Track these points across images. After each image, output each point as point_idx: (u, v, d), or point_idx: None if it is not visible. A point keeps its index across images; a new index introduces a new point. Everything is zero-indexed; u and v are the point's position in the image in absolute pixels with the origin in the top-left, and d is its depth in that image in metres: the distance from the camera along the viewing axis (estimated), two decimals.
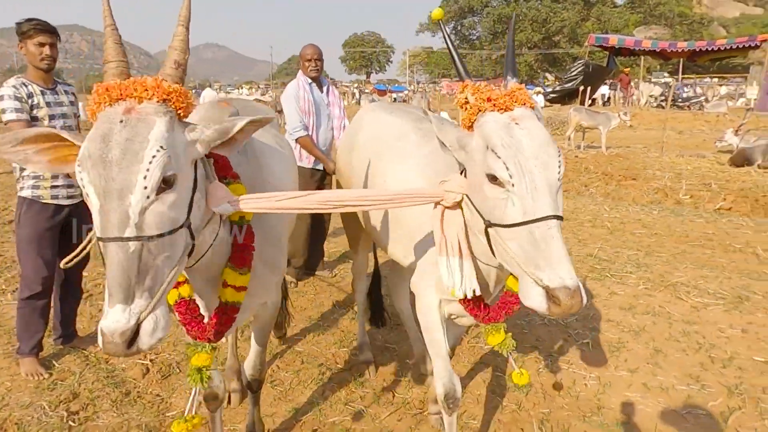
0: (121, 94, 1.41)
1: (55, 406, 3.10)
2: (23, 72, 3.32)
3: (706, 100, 24.89)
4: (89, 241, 1.58)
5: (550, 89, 27.34)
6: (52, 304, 3.51)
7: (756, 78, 28.22)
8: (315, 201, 1.71)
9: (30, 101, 3.14)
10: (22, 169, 3.24)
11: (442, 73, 61.56)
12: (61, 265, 1.58)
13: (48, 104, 3.22)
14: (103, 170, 1.33)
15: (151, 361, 3.60)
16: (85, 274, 4.00)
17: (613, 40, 21.52)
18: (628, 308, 4.44)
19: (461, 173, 1.85)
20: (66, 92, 3.38)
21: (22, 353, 3.41)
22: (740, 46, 19.86)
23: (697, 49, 21.50)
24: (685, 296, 4.68)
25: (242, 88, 50.08)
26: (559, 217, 1.53)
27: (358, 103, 33.56)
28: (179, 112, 1.48)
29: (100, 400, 3.18)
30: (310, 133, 4.62)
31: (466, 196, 1.75)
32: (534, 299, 1.52)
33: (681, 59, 23.19)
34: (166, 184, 1.38)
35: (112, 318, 1.28)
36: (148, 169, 1.34)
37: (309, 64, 4.70)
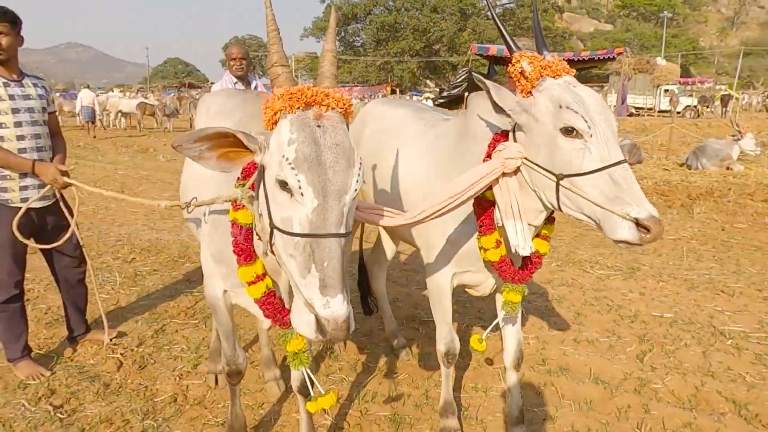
0: (311, 101, 1.52)
1: (35, 402, 3.06)
2: None
3: None
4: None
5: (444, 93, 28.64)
6: (60, 306, 3.51)
7: (614, 86, 31.69)
8: (419, 216, 2.00)
9: None
10: None
11: None
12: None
13: (11, 96, 3.05)
14: (322, 173, 1.44)
15: (121, 354, 3.62)
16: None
17: (493, 50, 23.01)
18: (547, 282, 5.11)
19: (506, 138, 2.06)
20: (35, 85, 3.20)
21: (13, 359, 3.31)
22: (601, 57, 22.16)
23: (566, 59, 23.65)
24: (590, 270, 5.46)
25: (113, 90, 47.11)
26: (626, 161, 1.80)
27: None
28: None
29: (81, 393, 3.18)
30: None
31: (525, 159, 1.97)
32: (626, 232, 1.73)
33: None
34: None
35: (337, 306, 1.42)
36: (358, 173, 1.51)
37: (234, 63, 4.88)
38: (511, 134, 2.07)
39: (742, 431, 2.91)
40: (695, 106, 29.95)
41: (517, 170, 2.03)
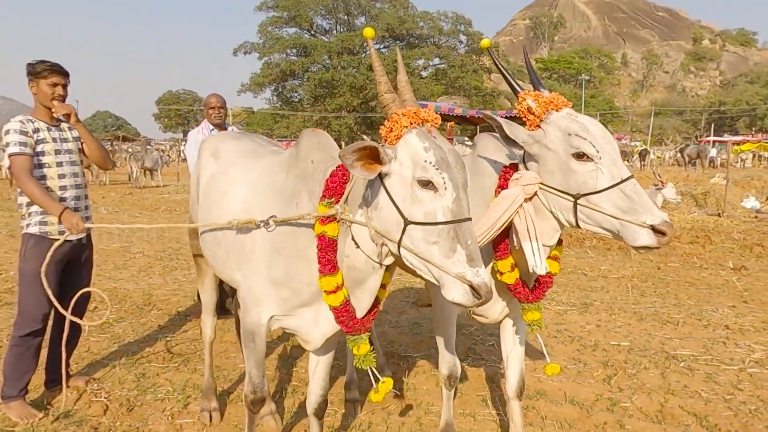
0: (424, 119, 1.88)
1: None
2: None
3: None
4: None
5: None
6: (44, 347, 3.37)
7: None
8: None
9: (36, 135, 3.20)
10: (29, 205, 3.22)
11: (266, 132, 62.23)
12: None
13: (54, 140, 3.31)
14: (453, 171, 1.80)
15: (106, 398, 3.56)
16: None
17: (431, 106, 23.96)
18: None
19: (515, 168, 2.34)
20: (69, 128, 3.45)
21: (8, 397, 3.22)
22: (474, 116, 23.25)
23: (440, 113, 24.74)
24: (548, 306, 5.81)
25: None
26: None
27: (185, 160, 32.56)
28: None
29: None
30: None
31: (541, 184, 2.20)
32: (645, 238, 1.97)
33: (479, 124, 26.72)
34: None
35: (485, 274, 1.74)
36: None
37: (213, 112, 5.12)
38: (521, 165, 2.34)
39: None
40: None
41: (532, 196, 2.26)
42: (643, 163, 31.11)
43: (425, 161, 1.79)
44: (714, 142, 38.94)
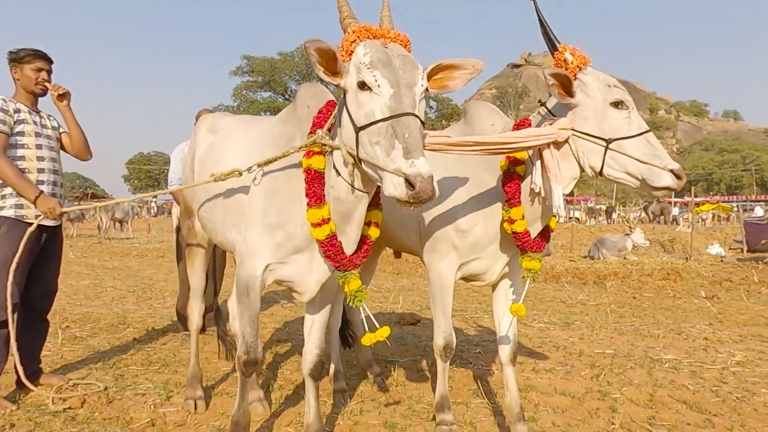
0: (377, 35, 1.94)
1: None
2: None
3: None
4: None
5: None
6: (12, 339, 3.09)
7: None
8: (467, 141, 2.29)
9: (17, 115, 3.21)
10: (2, 187, 3.15)
11: None
12: None
13: (35, 123, 3.32)
14: (393, 70, 1.83)
15: (84, 394, 3.40)
16: None
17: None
18: (494, 332, 5.38)
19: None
20: (50, 118, 3.48)
21: None
22: None
23: None
24: (530, 324, 5.83)
25: None
26: None
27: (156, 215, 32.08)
28: None
29: (47, 424, 2.95)
30: None
31: (574, 130, 2.34)
32: (668, 179, 2.18)
33: None
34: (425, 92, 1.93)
35: (421, 164, 1.69)
36: (422, 75, 1.91)
37: None
38: (539, 116, 2.51)
39: (697, 418, 3.23)
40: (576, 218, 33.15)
41: (564, 142, 2.39)
42: (610, 219, 32.02)
43: (361, 63, 1.86)
44: (675, 202, 40.35)
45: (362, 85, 1.86)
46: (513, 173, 2.52)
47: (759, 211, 34.83)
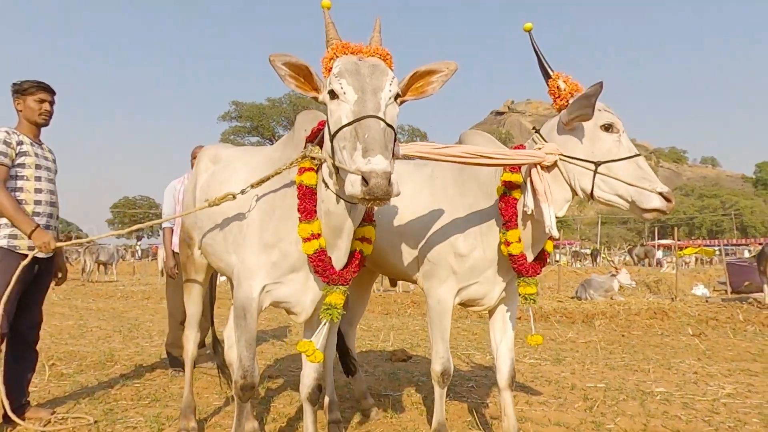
0: (354, 51, 2.04)
1: None
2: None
3: None
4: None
5: None
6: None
7: None
8: (442, 151, 2.38)
9: (19, 147, 3.26)
10: None
11: None
12: None
13: (36, 155, 3.36)
14: (360, 78, 1.92)
15: (73, 428, 3.34)
16: None
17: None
18: (487, 368, 5.39)
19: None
20: (50, 151, 3.54)
21: None
22: None
23: None
24: (522, 359, 5.84)
25: None
26: None
27: (140, 259, 31.69)
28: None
29: None
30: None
31: (561, 155, 2.44)
32: (657, 202, 2.26)
33: None
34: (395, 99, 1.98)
35: (377, 162, 1.73)
36: (392, 80, 1.98)
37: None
38: (533, 143, 2.60)
39: None
40: (564, 263, 33.36)
41: (552, 166, 2.49)
42: (595, 262, 32.29)
43: (332, 74, 1.97)
44: (659, 246, 40.86)
45: (332, 94, 1.96)
46: (509, 197, 2.60)
47: (747, 255, 35.33)
